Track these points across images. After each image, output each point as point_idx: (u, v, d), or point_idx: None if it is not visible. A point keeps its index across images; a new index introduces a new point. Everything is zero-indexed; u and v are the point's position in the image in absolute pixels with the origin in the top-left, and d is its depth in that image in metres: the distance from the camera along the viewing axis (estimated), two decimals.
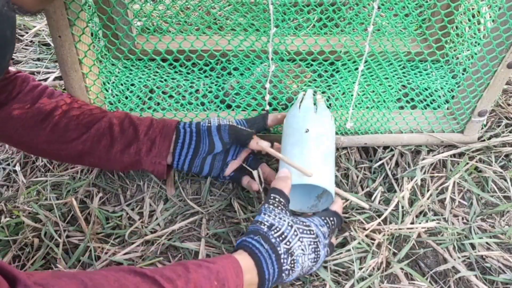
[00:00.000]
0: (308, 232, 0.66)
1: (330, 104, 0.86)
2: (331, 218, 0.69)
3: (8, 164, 0.88)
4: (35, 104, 0.73)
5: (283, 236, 0.63)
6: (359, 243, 0.74)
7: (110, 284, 0.51)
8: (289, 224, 0.65)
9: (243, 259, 0.61)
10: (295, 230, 0.65)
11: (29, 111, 0.72)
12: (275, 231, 0.64)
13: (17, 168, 0.87)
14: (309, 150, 0.72)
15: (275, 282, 0.63)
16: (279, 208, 0.66)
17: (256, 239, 0.63)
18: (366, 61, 0.77)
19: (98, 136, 0.74)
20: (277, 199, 0.67)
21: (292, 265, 0.63)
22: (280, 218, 0.65)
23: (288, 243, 0.63)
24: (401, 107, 0.92)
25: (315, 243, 0.65)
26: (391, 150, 0.90)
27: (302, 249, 0.64)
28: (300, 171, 0.69)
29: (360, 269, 0.71)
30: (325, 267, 0.71)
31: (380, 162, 0.88)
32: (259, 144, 0.77)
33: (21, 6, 0.45)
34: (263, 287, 0.62)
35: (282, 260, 0.62)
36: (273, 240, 0.63)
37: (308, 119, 0.75)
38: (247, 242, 0.63)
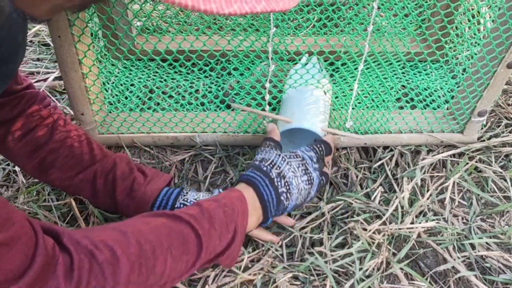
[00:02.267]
0: (295, 156, 0.73)
1: (330, 104, 0.85)
2: (318, 145, 0.76)
3: (8, 164, 0.88)
4: (30, 134, 0.72)
5: (272, 163, 0.71)
6: (361, 243, 0.74)
7: (142, 227, 0.57)
8: (277, 154, 0.73)
9: (243, 188, 0.69)
10: (282, 157, 0.72)
11: (22, 140, 0.72)
12: (265, 162, 0.72)
13: (17, 168, 0.87)
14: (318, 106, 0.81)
15: (280, 208, 0.70)
16: (269, 147, 0.75)
17: (249, 171, 0.72)
18: (365, 61, 0.77)
19: (81, 184, 0.73)
20: (267, 143, 0.76)
21: (288, 188, 0.70)
22: (270, 153, 0.74)
23: (278, 168, 0.71)
24: (401, 107, 0.92)
25: (304, 165, 0.72)
26: (391, 150, 0.90)
27: (293, 171, 0.71)
28: (283, 120, 0.79)
29: (360, 269, 0.71)
30: (326, 266, 0.71)
31: (380, 162, 0.88)
32: None
33: (31, 15, 0.45)
34: (266, 210, 0.69)
35: (276, 183, 0.69)
36: (264, 168, 0.71)
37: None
38: (242, 176, 0.72)
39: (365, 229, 0.76)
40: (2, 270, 0.43)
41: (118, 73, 1.00)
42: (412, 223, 0.78)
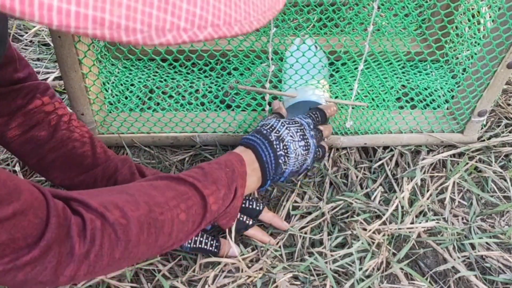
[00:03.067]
0: (293, 122, 0.74)
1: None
2: (314, 112, 0.78)
3: (8, 164, 0.88)
4: (30, 131, 0.70)
5: (272, 127, 0.73)
6: (361, 243, 0.74)
7: (149, 189, 0.58)
8: (277, 119, 0.74)
9: (242, 150, 0.71)
10: (282, 122, 0.74)
11: (22, 137, 0.70)
12: (265, 126, 0.74)
13: (17, 168, 0.87)
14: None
15: (278, 171, 0.72)
16: (274, 116, 0.76)
17: (250, 134, 0.73)
18: (365, 61, 0.77)
19: (81, 186, 0.72)
20: (272, 115, 0.78)
21: (286, 151, 0.71)
22: (269, 119, 0.75)
23: (277, 132, 0.72)
24: (401, 107, 0.92)
25: (301, 130, 0.74)
26: (391, 150, 0.90)
27: (291, 136, 0.72)
28: (288, 96, 0.81)
29: (360, 269, 0.71)
30: (326, 266, 0.71)
31: (380, 162, 0.88)
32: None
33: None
34: (265, 171, 0.70)
35: (275, 146, 0.71)
36: (264, 132, 0.72)
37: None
38: (244, 138, 0.73)
39: (365, 229, 0.76)
40: (22, 236, 0.45)
41: (118, 73, 1.00)
42: (412, 223, 0.78)
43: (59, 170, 0.72)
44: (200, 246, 0.70)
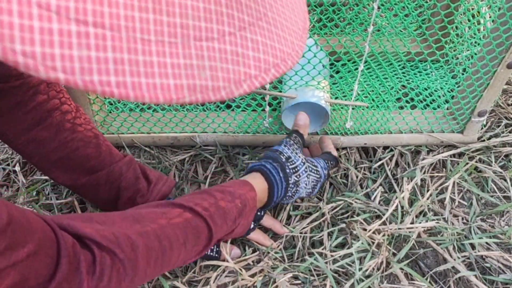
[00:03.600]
0: (315, 172, 0.74)
1: (330, 104, 0.85)
2: (331, 162, 0.79)
3: (8, 164, 0.88)
4: (33, 130, 0.68)
5: (296, 169, 0.72)
6: (361, 243, 0.74)
7: (161, 220, 0.58)
8: (302, 161, 0.73)
9: (259, 183, 0.69)
10: (306, 167, 0.73)
11: (25, 135, 0.68)
12: (291, 163, 0.72)
13: (17, 168, 0.87)
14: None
15: (274, 203, 0.72)
16: (297, 145, 0.75)
17: (274, 166, 0.71)
18: (366, 62, 0.77)
19: (83, 188, 0.72)
20: (297, 138, 0.76)
21: (293, 194, 0.73)
22: (296, 154, 0.74)
23: (298, 176, 0.72)
24: (401, 107, 0.92)
25: (317, 182, 0.75)
26: (391, 150, 0.90)
27: (305, 184, 0.73)
28: (288, 97, 0.80)
29: (360, 269, 0.71)
30: (326, 266, 0.71)
31: (380, 162, 0.88)
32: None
33: None
34: (268, 205, 0.72)
35: (288, 189, 0.71)
36: (287, 171, 0.71)
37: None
38: (265, 168, 0.71)
39: (365, 229, 0.76)
40: (34, 277, 0.44)
41: None
42: (412, 223, 0.78)
43: (62, 170, 0.71)
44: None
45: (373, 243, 0.74)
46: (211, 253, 0.71)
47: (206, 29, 0.26)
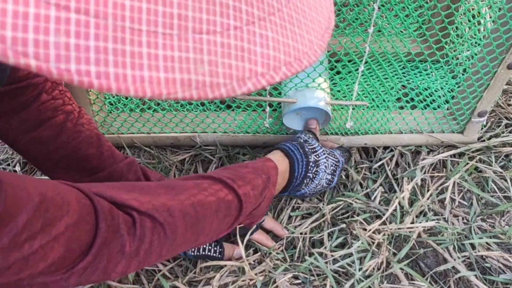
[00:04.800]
0: (333, 156, 0.77)
1: (330, 104, 0.86)
2: (345, 153, 0.82)
3: (8, 164, 0.88)
4: (36, 131, 0.68)
5: (314, 150, 0.75)
6: (361, 243, 0.74)
7: (194, 190, 0.59)
8: (320, 145, 0.77)
9: (280, 158, 0.72)
10: (323, 150, 0.76)
11: (26, 135, 0.68)
12: (309, 145, 0.75)
13: (17, 168, 0.87)
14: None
15: (297, 187, 0.74)
16: (313, 136, 0.79)
17: (294, 144, 0.74)
18: (366, 62, 0.77)
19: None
20: (310, 132, 0.80)
21: (314, 176, 0.74)
22: (312, 139, 0.77)
23: (317, 156, 0.74)
24: (401, 107, 0.92)
25: (336, 166, 0.76)
26: (391, 150, 0.90)
27: (325, 166, 0.75)
28: (288, 102, 0.80)
29: (360, 269, 0.71)
30: (326, 266, 0.71)
31: (380, 163, 0.88)
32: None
33: None
34: (290, 184, 0.73)
35: (309, 167, 0.73)
36: (306, 149, 0.74)
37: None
38: (286, 146, 0.74)
39: (365, 229, 0.76)
40: (78, 246, 0.46)
41: None
42: (412, 223, 0.78)
43: (63, 170, 0.71)
44: (204, 253, 0.71)
45: (373, 243, 0.74)
46: (214, 254, 0.71)
47: (208, 21, 0.24)
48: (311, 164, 0.73)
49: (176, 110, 0.91)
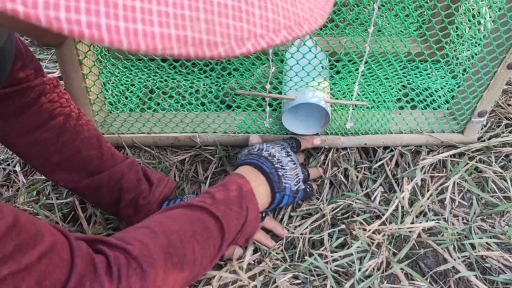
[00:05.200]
0: (274, 144, 0.79)
1: (330, 104, 0.86)
2: (289, 140, 0.83)
3: (8, 165, 0.88)
4: (36, 132, 0.68)
5: (260, 149, 0.77)
6: (361, 243, 0.74)
7: (163, 219, 0.58)
8: (259, 145, 0.79)
9: (242, 169, 0.73)
10: (267, 144, 0.79)
11: (26, 137, 0.68)
12: (253, 150, 0.78)
13: (17, 168, 0.87)
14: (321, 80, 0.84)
15: (280, 183, 0.73)
16: (282, 146, 0.79)
17: (241, 160, 0.78)
18: (366, 62, 0.77)
19: (86, 190, 0.71)
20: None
21: (280, 164, 0.75)
22: (252, 147, 0.79)
23: (266, 150, 0.76)
24: (401, 107, 0.92)
25: (284, 148, 0.78)
26: (391, 150, 0.90)
27: (278, 152, 0.76)
28: (287, 99, 0.81)
29: (360, 269, 0.71)
30: (326, 266, 0.71)
31: (380, 163, 0.88)
32: None
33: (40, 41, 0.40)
34: (271, 181, 0.72)
35: (270, 160, 0.74)
36: (254, 153, 0.77)
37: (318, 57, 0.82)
38: (237, 163, 0.78)
39: (365, 229, 0.76)
40: (51, 281, 0.43)
41: (119, 73, 1.00)
42: (412, 223, 0.78)
43: (64, 172, 0.70)
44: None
45: (372, 243, 0.74)
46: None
47: None
48: (268, 157, 0.74)
49: (176, 110, 0.91)
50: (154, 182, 0.73)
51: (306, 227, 0.77)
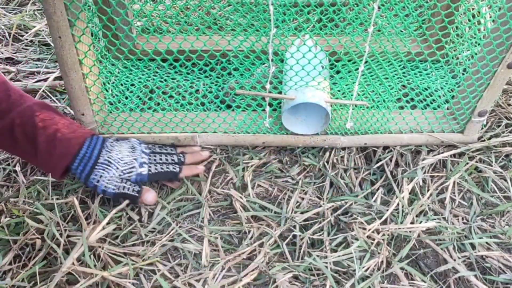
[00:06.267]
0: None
1: (330, 104, 0.85)
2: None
3: (8, 164, 0.88)
4: None
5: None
6: (361, 243, 0.74)
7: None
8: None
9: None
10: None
11: None
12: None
13: (17, 168, 0.87)
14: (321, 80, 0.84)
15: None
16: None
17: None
18: (366, 62, 0.77)
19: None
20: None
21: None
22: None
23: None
24: (401, 107, 0.92)
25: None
26: (391, 150, 0.90)
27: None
28: (286, 98, 0.81)
29: (360, 269, 0.71)
30: (325, 267, 0.71)
31: (380, 163, 0.88)
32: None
33: None
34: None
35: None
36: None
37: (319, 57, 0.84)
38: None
39: (365, 229, 0.76)
40: None
41: (119, 73, 1.00)
42: (412, 223, 0.78)
43: None
44: (123, 191, 0.75)
45: (372, 243, 0.74)
46: (132, 192, 0.76)
47: None
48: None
49: (176, 110, 0.91)
50: (73, 123, 0.76)
51: (306, 226, 0.77)
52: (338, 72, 0.96)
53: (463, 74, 0.91)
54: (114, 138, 0.81)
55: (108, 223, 0.78)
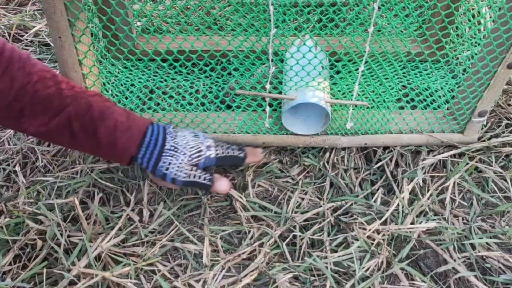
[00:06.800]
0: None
1: (330, 104, 0.85)
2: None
3: (8, 165, 0.88)
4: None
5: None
6: (361, 243, 0.74)
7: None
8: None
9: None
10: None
11: None
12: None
13: (17, 168, 0.87)
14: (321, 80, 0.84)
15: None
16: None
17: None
18: (366, 62, 0.77)
19: (57, 130, 0.69)
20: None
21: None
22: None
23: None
24: (401, 107, 0.92)
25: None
26: (391, 150, 0.90)
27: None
28: (287, 99, 0.81)
29: (360, 269, 0.71)
30: (326, 267, 0.71)
31: (380, 163, 0.88)
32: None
33: None
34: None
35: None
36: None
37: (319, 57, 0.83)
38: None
39: (365, 229, 0.76)
40: None
41: (119, 73, 1.00)
42: (412, 223, 0.78)
43: (30, 118, 0.68)
44: (194, 179, 0.73)
45: (372, 243, 0.74)
46: (204, 181, 0.74)
47: None
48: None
49: (176, 110, 0.91)
50: (130, 112, 0.74)
51: (306, 226, 0.77)
52: (338, 72, 0.96)
53: (463, 74, 0.91)
54: (173, 125, 0.79)
55: (108, 224, 0.78)
